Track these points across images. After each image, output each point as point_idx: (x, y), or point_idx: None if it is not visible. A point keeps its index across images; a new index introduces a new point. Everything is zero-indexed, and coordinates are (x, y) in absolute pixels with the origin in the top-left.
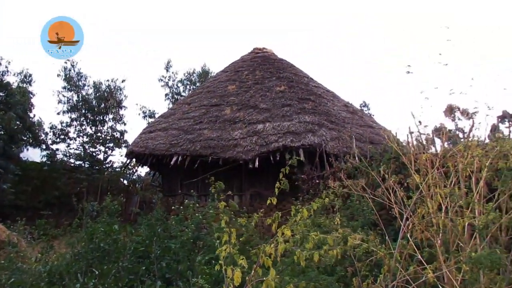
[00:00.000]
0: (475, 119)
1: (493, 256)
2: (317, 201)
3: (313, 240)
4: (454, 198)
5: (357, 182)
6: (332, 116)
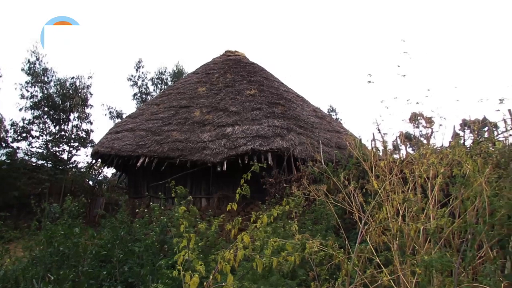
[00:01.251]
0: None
1: (444, 259)
2: (277, 208)
3: (272, 246)
4: (410, 204)
5: (320, 187)
6: (301, 121)
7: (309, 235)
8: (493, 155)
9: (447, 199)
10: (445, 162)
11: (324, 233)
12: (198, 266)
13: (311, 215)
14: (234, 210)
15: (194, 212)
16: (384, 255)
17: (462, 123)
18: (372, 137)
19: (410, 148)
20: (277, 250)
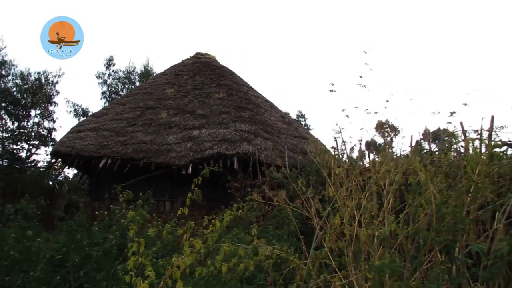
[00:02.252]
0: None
1: (393, 265)
2: (229, 213)
3: (224, 251)
4: (364, 210)
5: (279, 193)
6: (268, 126)
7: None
8: (444, 165)
9: (402, 205)
10: (400, 170)
11: (286, 238)
12: (148, 272)
13: (273, 220)
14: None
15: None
16: (337, 260)
17: (423, 133)
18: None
19: (375, 155)
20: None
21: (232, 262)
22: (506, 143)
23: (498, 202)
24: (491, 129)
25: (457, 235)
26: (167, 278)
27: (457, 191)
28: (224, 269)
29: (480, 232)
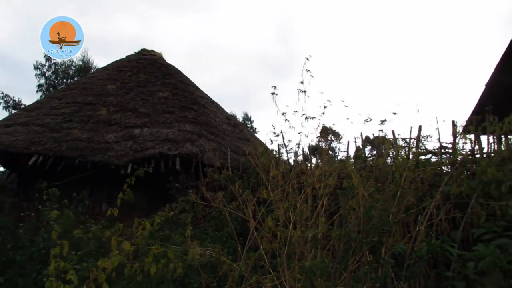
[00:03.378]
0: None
1: (323, 265)
2: (160, 214)
3: (153, 253)
4: (299, 212)
5: (218, 195)
6: (213, 127)
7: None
8: (374, 170)
9: (336, 208)
10: (335, 174)
11: (224, 240)
12: (70, 276)
13: (212, 222)
14: (120, 216)
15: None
16: (270, 261)
17: (364, 139)
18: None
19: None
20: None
21: (161, 264)
22: (430, 151)
23: (421, 206)
24: (418, 138)
25: (383, 236)
26: (91, 281)
27: (385, 195)
28: (152, 271)
29: (405, 233)
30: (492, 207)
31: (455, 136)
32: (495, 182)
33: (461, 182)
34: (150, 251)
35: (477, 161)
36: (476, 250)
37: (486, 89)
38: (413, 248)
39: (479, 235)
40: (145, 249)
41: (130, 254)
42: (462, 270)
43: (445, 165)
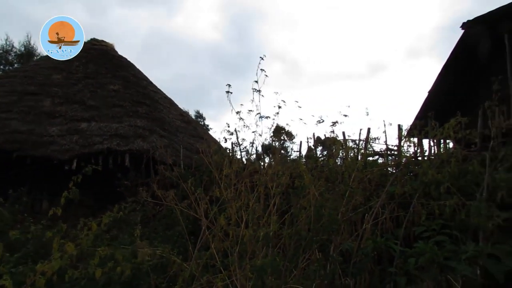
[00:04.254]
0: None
1: (274, 264)
2: (109, 214)
3: (99, 255)
4: (251, 211)
5: (169, 193)
6: (166, 124)
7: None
8: (325, 170)
9: (288, 206)
10: (287, 174)
11: (175, 239)
12: (4, 281)
13: (163, 221)
14: (63, 215)
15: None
16: (221, 261)
17: (315, 139)
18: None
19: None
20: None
21: (108, 266)
22: (377, 153)
23: (367, 205)
24: (367, 140)
25: (332, 235)
26: (28, 286)
27: (334, 195)
28: (98, 274)
29: (352, 232)
30: (431, 207)
31: (400, 139)
32: (435, 183)
33: (404, 182)
34: (96, 253)
35: (419, 163)
36: (417, 247)
37: (429, 96)
38: (359, 245)
39: (419, 232)
40: (91, 250)
41: (74, 257)
42: (404, 266)
43: (390, 166)
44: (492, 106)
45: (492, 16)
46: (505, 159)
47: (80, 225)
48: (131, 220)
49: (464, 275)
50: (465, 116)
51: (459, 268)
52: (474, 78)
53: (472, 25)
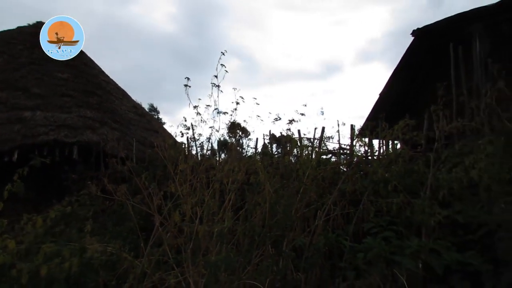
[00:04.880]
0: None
1: (228, 260)
2: (56, 209)
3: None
4: (206, 207)
5: (121, 187)
6: (118, 116)
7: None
8: (280, 168)
9: (243, 203)
10: (243, 170)
11: (125, 235)
12: None
13: (113, 216)
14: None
15: None
16: (174, 257)
17: (271, 136)
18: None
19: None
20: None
21: (54, 263)
22: (331, 151)
23: (320, 202)
24: (321, 139)
25: (286, 231)
26: None
27: (289, 191)
28: (43, 271)
29: (305, 228)
30: (380, 204)
31: (352, 139)
32: (384, 181)
33: (356, 181)
34: (41, 250)
35: (370, 163)
36: (365, 243)
37: (380, 98)
38: (311, 241)
39: (368, 228)
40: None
41: (15, 254)
42: (353, 260)
43: (343, 165)
44: (437, 110)
45: (439, 26)
46: (447, 160)
47: (24, 220)
48: (79, 215)
49: (408, 269)
50: (413, 119)
51: (404, 262)
52: (422, 82)
53: (421, 33)
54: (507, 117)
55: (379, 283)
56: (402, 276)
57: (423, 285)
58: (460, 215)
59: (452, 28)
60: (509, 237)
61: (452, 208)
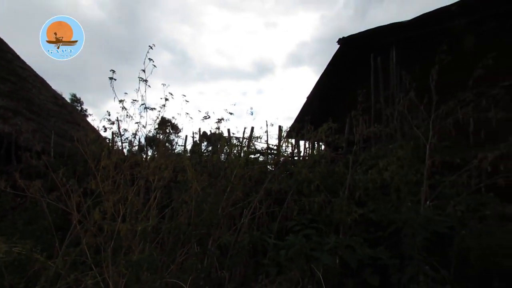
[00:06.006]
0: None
1: (150, 258)
2: None
3: None
4: (130, 205)
5: (35, 183)
6: (35, 105)
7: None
8: (209, 166)
9: (169, 201)
10: (171, 167)
11: (39, 234)
12: None
13: (24, 214)
14: None
15: None
16: (93, 257)
17: (201, 135)
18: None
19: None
20: None
21: None
22: (259, 151)
23: (247, 200)
24: (250, 138)
25: (212, 229)
26: None
27: (216, 190)
28: None
29: (231, 226)
30: (303, 203)
31: (280, 140)
32: (307, 181)
33: (281, 180)
34: None
35: (295, 163)
36: (288, 240)
37: (307, 101)
38: (237, 239)
39: (291, 226)
40: None
41: None
42: (276, 257)
43: (270, 164)
44: (357, 115)
45: (362, 36)
46: (364, 162)
47: None
48: None
49: (325, 264)
50: (337, 122)
51: (322, 258)
52: (346, 88)
53: (346, 42)
54: (416, 124)
55: (298, 278)
56: (319, 271)
57: (339, 279)
58: (374, 214)
59: (373, 39)
60: (412, 233)
61: (367, 207)
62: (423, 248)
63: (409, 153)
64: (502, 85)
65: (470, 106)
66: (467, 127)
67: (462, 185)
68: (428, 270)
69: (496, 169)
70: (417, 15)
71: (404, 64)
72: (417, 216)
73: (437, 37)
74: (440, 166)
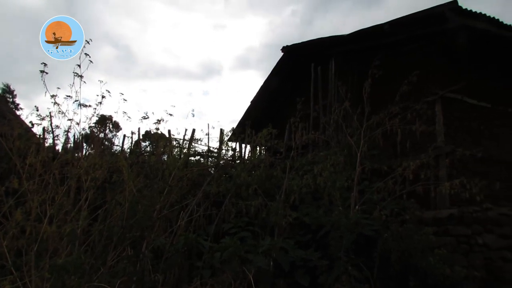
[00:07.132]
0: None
1: (77, 262)
2: None
3: None
4: (58, 205)
5: None
6: None
7: None
8: (146, 167)
9: (102, 202)
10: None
11: None
12: None
13: None
14: None
15: None
16: (14, 260)
17: (144, 133)
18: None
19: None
20: None
21: None
22: (199, 153)
23: (184, 203)
24: (191, 140)
25: (146, 231)
26: None
27: (152, 191)
28: None
29: (167, 228)
30: (240, 206)
31: (221, 143)
32: (246, 184)
33: (220, 183)
34: None
35: (235, 166)
36: (223, 242)
37: (251, 106)
38: (172, 241)
39: (228, 229)
40: None
41: None
42: (211, 260)
43: (210, 167)
44: (296, 122)
45: (304, 46)
46: (300, 167)
47: None
48: None
49: (259, 266)
50: (278, 128)
51: (255, 260)
52: (287, 95)
53: (289, 50)
54: (349, 133)
55: (230, 280)
56: (250, 273)
57: (272, 280)
58: (307, 217)
59: (315, 49)
60: (339, 236)
61: (301, 211)
62: (352, 250)
63: (341, 160)
64: (425, 101)
65: (397, 118)
66: (395, 137)
67: (388, 191)
68: (352, 270)
69: (418, 177)
70: (356, 30)
71: (342, 75)
72: (347, 220)
73: (372, 52)
74: (369, 173)
